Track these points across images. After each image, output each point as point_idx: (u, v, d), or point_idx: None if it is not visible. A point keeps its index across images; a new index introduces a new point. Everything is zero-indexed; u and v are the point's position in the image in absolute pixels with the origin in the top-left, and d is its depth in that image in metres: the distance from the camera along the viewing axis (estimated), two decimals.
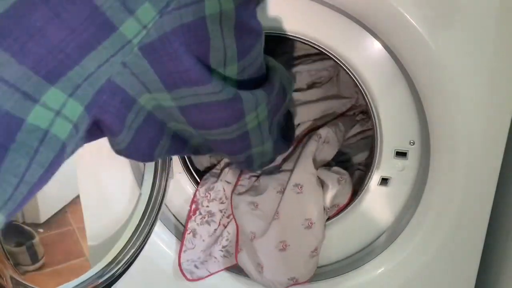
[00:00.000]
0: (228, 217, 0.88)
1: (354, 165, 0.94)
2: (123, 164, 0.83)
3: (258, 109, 0.54)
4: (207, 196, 0.88)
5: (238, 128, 0.54)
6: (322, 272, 0.86)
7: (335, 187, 0.81)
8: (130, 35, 0.40)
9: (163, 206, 0.83)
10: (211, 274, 0.87)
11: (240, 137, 0.56)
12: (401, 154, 0.75)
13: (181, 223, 0.92)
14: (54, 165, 0.41)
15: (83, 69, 0.39)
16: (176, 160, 0.87)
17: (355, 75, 0.71)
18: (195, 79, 0.46)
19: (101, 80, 0.41)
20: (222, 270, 0.88)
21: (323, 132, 0.86)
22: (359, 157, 0.95)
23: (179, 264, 0.86)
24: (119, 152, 0.52)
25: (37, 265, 0.87)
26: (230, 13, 0.45)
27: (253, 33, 0.51)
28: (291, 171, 0.84)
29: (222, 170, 0.93)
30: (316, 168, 0.84)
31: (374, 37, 0.68)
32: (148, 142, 0.53)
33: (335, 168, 0.85)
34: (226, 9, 0.45)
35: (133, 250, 0.80)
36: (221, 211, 0.88)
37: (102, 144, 0.82)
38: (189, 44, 0.43)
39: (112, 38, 0.39)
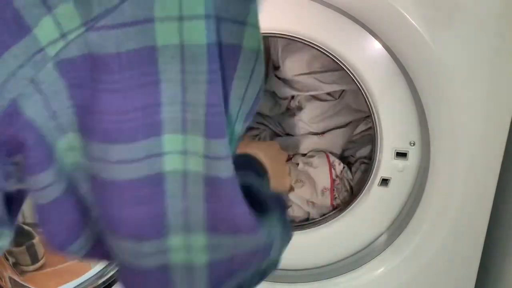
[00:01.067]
0: None
1: (358, 159, 0.94)
2: None
3: (191, 238, 0.35)
4: None
5: (157, 250, 0.34)
6: (322, 272, 0.86)
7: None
8: (44, 40, 0.29)
9: None
10: None
11: (158, 271, 0.35)
12: (401, 155, 0.75)
13: None
14: None
15: None
16: None
17: (355, 75, 0.71)
18: (110, 129, 0.31)
19: (3, 100, 0.30)
20: None
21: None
22: (363, 151, 0.95)
23: None
24: (36, 213, 0.36)
25: (37, 265, 0.87)
26: (198, 50, 0.31)
27: None
28: None
29: None
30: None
31: (374, 37, 0.68)
32: (66, 228, 0.37)
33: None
34: (192, 41, 0.31)
35: None
36: None
37: None
38: (122, 83, 0.30)
39: (24, 43, 0.29)
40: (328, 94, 0.95)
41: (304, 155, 0.96)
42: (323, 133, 0.97)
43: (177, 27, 0.30)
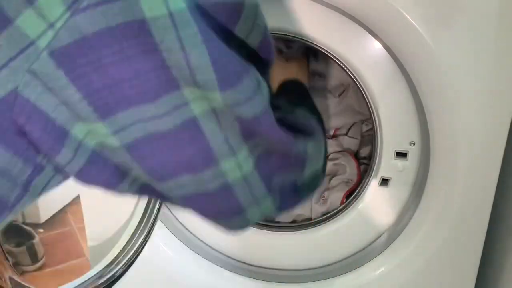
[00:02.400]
0: None
1: (358, 159, 0.95)
2: None
3: (238, 156, 0.39)
4: None
5: (214, 176, 0.39)
6: (322, 272, 0.86)
7: None
8: (33, 34, 0.31)
9: (163, 206, 0.83)
10: None
11: (222, 191, 0.41)
12: (401, 155, 0.75)
13: (181, 223, 0.92)
14: None
15: None
16: None
17: (355, 75, 0.71)
18: (131, 94, 0.33)
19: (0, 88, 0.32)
20: None
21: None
22: (363, 151, 0.96)
23: None
24: None
25: (37, 265, 0.87)
26: (185, 15, 0.32)
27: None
28: None
29: None
30: None
31: (374, 37, 0.68)
32: (103, 183, 0.40)
33: None
34: (177, 8, 0.31)
35: (133, 251, 0.80)
36: None
37: None
38: (124, 53, 0.32)
39: (7, 34, 0.31)
40: (329, 91, 0.95)
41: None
42: (333, 137, 0.97)
43: None
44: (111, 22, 0.31)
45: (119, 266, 0.78)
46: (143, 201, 0.83)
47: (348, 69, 0.71)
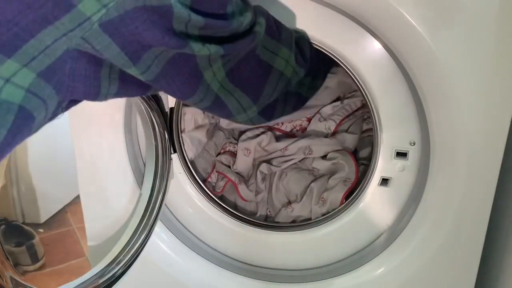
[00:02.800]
0: None
1: (359, 160, 0.95)
2: (123, 164, 0.83)
3: (213, 66, 0.55)
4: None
5: (205, 91, 0.57)
6: (322, 272, 0.86)
7: None
8: (89, 12, 0.42)
9: (163, 206, 0.83)
10: None
11: (215, 103, 0.59)
12: (401, 155, 0.75)
13: (181, 223, 0.92)
14: (21, 127, 0.43)
15: (39, 43, 0.41)
16: (176, 161, 0.87)
17: (355, 75, 0.71)
18: (150, 40, 0.46)
19: (58, 51, 0.42)
20: None
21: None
22: (363, 153, 0.96)
23: None
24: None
25: (37, 265, 0.87)
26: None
27: None
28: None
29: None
30: None
31: (374, 37, 0.68)
32: (137, 87, 0.53)
33: None
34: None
35: (133, 250, 0.80)
36: None
37: (103, 144, 0.82)
38: (153, 21, 0.45)
39: (70, 15, 0.41)
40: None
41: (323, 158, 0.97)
42: (332, 134, 0.97)
43: None
44: (148, 3, 0.43)
45: (119, 266, 0.79)
46: (143, 201, 0.83)
47: (348, 69, 0.71)
